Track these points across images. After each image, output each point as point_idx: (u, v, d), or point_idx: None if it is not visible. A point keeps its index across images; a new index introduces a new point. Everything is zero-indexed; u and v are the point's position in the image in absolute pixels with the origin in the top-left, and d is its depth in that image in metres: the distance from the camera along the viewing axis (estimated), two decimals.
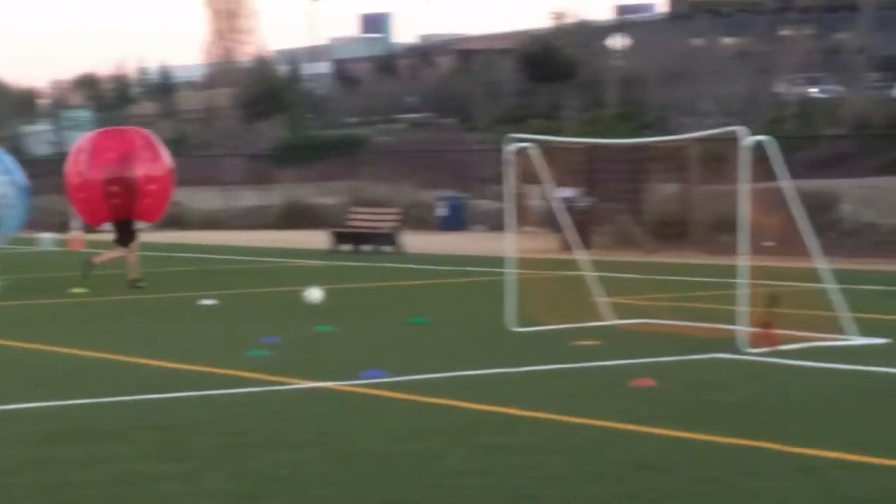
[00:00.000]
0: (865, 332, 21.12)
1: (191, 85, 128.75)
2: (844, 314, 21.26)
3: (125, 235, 33.06)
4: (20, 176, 33.19)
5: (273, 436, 14.61)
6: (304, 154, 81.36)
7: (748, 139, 21.45)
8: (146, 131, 36.90)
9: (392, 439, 14.26)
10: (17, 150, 62.46)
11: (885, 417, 15.10)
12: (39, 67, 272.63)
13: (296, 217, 60.08)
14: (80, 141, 35.57)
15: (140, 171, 33.31)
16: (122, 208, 32.99)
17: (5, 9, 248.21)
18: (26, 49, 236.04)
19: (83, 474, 12.78)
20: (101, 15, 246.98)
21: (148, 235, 37.16)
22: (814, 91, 71.11)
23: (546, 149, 26.14)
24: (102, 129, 38.12)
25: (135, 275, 32.35)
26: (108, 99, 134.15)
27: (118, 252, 33.37)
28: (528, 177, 26.71)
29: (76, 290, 30.83)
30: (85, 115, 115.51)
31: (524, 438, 14.17)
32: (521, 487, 11.95)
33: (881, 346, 20.42)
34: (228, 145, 72.35)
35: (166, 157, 34.54)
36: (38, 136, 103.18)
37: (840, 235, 40.09)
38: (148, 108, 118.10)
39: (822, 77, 66.71)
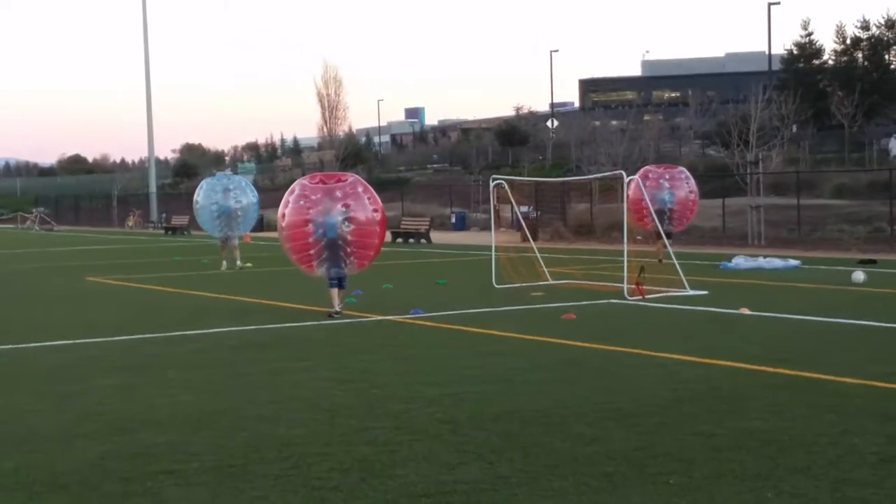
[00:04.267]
0: (694, 287, 21.08)
1: (310, 148, 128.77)
2: (683, 277, 21.25)
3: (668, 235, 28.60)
4: (254, 193, 32.10)
5: (359, 346, 14.62)
6: (376, 188, 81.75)
7: (626, 178, 21.42)
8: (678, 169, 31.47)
9: (427, 348, 14.25)
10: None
11: (706, 336, 15.04)
12: (224, 137, 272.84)
13: None
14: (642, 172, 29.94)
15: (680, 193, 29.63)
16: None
17: (200, 102, 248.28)
18: (216, 126, 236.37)
19: (252, 368, 12.82)
20: (255, 106, 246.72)
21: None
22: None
23: (512, 184, 26.14)
24: (664, 165, 32.71)
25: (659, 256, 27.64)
26: (263, 157, 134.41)
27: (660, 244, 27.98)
28: (502, 199, 26.73)
29: (247, 265, 30.83)
30: (251, 166, 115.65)
31: (503, 347, 14.16)
32: (500, 375, 11.94)
33: (704, 295, 20.32)
34: None
35: (685, 189, 29.90)
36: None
37: (680, 233, 40.08)
38: (286, 162, 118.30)
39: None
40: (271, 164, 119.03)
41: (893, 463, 7.80)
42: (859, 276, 22.94)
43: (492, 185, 24.83)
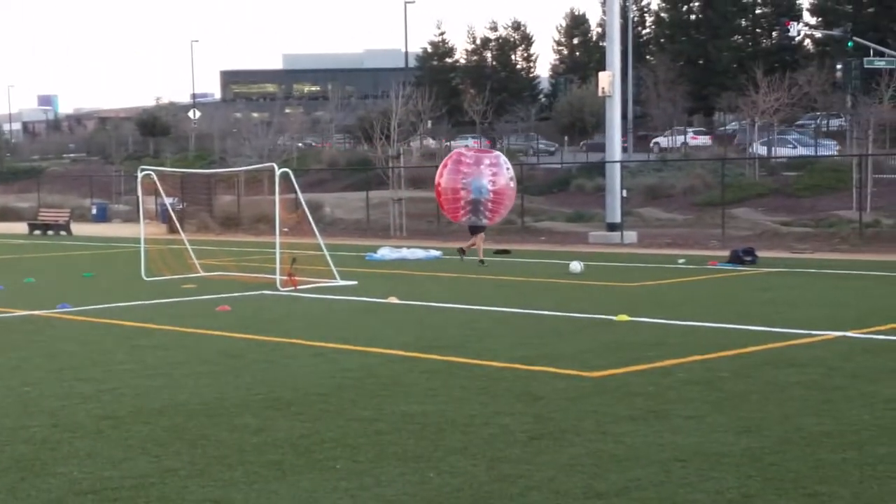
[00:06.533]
0: (344, 278, 21.41)
1: None
2: (333, 268, 21.55)
3: (476, 229, 26.23)
4: None
5: (5, 342, 13.85)
6: (7, 177, 78.54)
7: (279, 170, 21.51)
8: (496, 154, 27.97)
9: (78, 343, 13.71)
10: None
11: (359, 325, 15.28)
12: None
13: (4, 215, 57.05)
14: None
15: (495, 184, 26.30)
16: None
17: None
18: None
19: None
20: None
21: None
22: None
23: (159, 175, 25.68)
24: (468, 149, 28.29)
25: (481, 255, 25.68)
26: None
27: (474, 240, 26.04)
28: (148, 190, 26.23)
29: None
30: None
31: (159, 340, 13.84)
32: (160, 368, 11.69)
33: (354, 286, 20.68)
34: None
35: (505, 176, 26.55)
36: None
37: (325, 225, 40.54)
38: None
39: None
40: None
41: (542, 440, 8.29)
42: (577, 266, 23.04)
43: (139, 175, 24.23)
